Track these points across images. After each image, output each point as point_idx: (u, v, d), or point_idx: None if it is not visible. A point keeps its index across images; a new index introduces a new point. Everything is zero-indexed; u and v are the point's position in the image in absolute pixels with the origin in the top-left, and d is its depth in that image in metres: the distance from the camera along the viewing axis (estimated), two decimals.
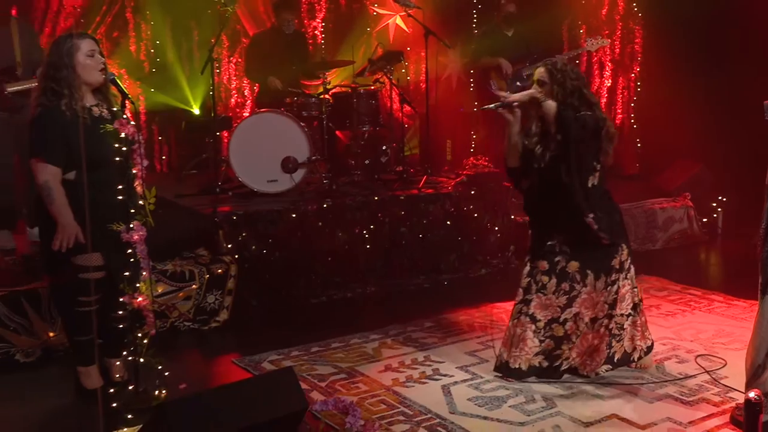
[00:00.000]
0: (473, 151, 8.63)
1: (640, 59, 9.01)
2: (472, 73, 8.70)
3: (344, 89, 7.21)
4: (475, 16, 8.87)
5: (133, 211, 3.87)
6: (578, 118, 3.99)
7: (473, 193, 6.74)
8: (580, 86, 4.13)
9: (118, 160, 3.81)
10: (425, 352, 4.79)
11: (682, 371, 4.40)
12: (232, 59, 8.22)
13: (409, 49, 8.60)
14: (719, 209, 8.06)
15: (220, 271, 5.38)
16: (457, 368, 4.51)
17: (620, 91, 9.11)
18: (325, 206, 6.09)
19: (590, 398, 4.06)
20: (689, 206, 7.78)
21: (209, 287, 5.31)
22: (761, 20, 7.42)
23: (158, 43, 7.79)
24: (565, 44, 8.97)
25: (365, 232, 6.19)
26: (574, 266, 4.19)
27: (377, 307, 5.86)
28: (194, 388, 4.17)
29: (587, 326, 4.20)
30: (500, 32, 7.76)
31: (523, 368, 4.25)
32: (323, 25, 8.57)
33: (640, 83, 9.02)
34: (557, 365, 4.25)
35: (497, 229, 6.81)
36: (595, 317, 4.19)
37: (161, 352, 4.07)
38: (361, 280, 6.15)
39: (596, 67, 9.11)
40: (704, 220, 7.95)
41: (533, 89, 4.18)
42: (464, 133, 8.91)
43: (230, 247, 5.62)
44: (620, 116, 9.08)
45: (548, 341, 4.24)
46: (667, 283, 6.18)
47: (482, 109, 4.35)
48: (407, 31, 8.55)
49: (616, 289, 4.18)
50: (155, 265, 4.85)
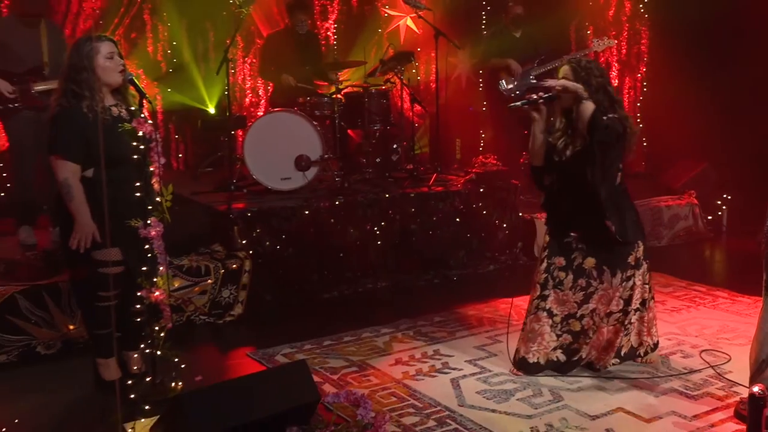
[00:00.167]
0: (482, 149, 8.63)
1: (646, 60, 8.97)
2: (481, 73, 8.68)
3: (356, 89, 7.21)
4: (484, 17, 8.86)
5: (150, 207, 3.88)
6: (609, 125, 3.90)
7: (482, 190, 6.74)
8: (604, 83, 4.07)
9: (136, 158, 3.82)
10: (435, 346, 4.79)
11: (687, 366, 4.39)
12: (246, 60, 8.23)
13: (419, 49, 8.58)
14: (724, 207, 8.03)
15: (234, 266, 5.39)
16: (465, 362, 4.51)
17: (626, 90, 9.07)
18: (337, 203, 6.10)
19: (596, 392, 4.05)
20: (694, 204, 7.75)
21: (224, 282, 5.32)
22: (766, 21, 7.38)
23: (175, 44, 7.80)
24: (572, 45, 8.94)
25: (376, 228, 6.19)
26: (590, 263, 4.17)
27: (388, 301, 5.86)
28: (210, 380, 4.19)
29: (603, 321, 4.18)
30: (508, 33, 7.74)
31: (541, 362, 4.24)
32: (335, 26, 8.58)
33: (646, 83, 8.99)
34: (575, 359, 4.24)
35: (505, 226, 6.80)
36: (610, 312, 4.17)
37: (178, 345, 4.08)
38: (372, 275, 6.15)
39: (603, 67, 9.05)
40: (709, 217, 7.92)
41: (569, 84, 4.04)
42: (473, 132, 8.90)
43: (245, 243, 5.64)
44: None
45: (565, 336, 4.23)
46: (672, 279, 6.16)
47: (510, 106, 4.29)
48: (417, 32, 8.54)
49: (631, 285, 4.16)
50: (172, 260, 4.86)
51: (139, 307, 3.85)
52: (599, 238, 4.10)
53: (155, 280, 3.88)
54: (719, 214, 8.02)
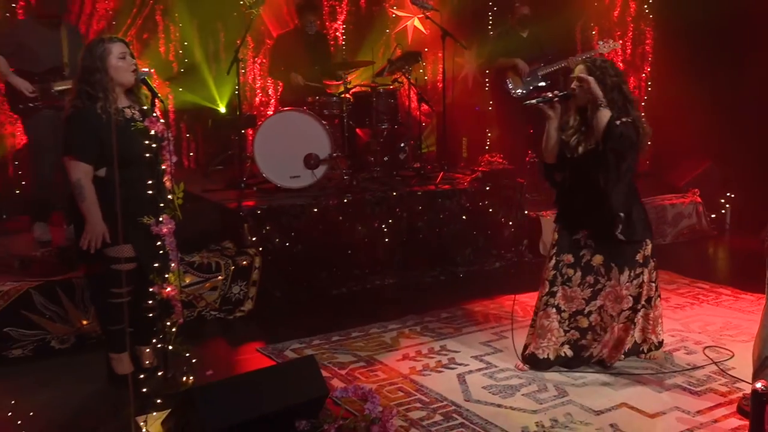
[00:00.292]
0: (488, 148, 8.61)
1: (650, 60, 8.94)
2: (487, 73, 8.66)
3: (364, 89, 7.20)
4: (490, 18, 8.84)
5: (162, 205, 3.89)
6: (623, 132, 3.88)
7: (488, 189, 6.73)
8: (619, 83, 4.04)
9: (148, 156, 3.83)
10: (441, 341, 4.79)
11: (690, 362, 4.38)
12: (256, 60, 8.23)
13: (426, 50, 8.57)
14: (727, 205, 8.00)
15: (244, 263, 5.40)
16: (472, 357, 4.51)
17: (631, 90, 9.03)
18: (345, 201, 6.10)
19: (601, 387, 4.05)
20: (698, 202, 7.73)
21: (234, 278, 5.33)
22: None
23: (186, 44, 7.81)
24: (578, 45, 8.91)
25: (384, 226, 6.19)
26: (598, 260, 4.16)
27: (395, 298, 5.86)
28: (220, 374, 4.19)
29: (614, 320, 4.16)
30: (515, 33, 7.72)
31: (550, 358, 4.24)
32: (344, 26, 8.57)
33: (650, 83, 8.96)
34: (584, 356, 4.24)
35: (511, 223, 6.79)
36: (621, 311, 4.15)
37: (189, 340, 4.08)
38: (379, 272, 6.15)
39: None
40: (712, 215, 7.89)
41: (592, 82, 4.01)
42: (480, 131, 8.88)
43: (255, 240, 5.65)
44: None
45: (573, 332, 4.23)
46: (676, 276, 6.14)
47: (526, 103, 4.27)
48: (425, 32, 8.52)
49: (640, 282, 4.15)
50: (183, 256, 4.87)
51: (151, 302, 3.86)
52: (608, 235, 4.09)
53: (167, 276, 3.89)
54: (722, 212, 8.00)
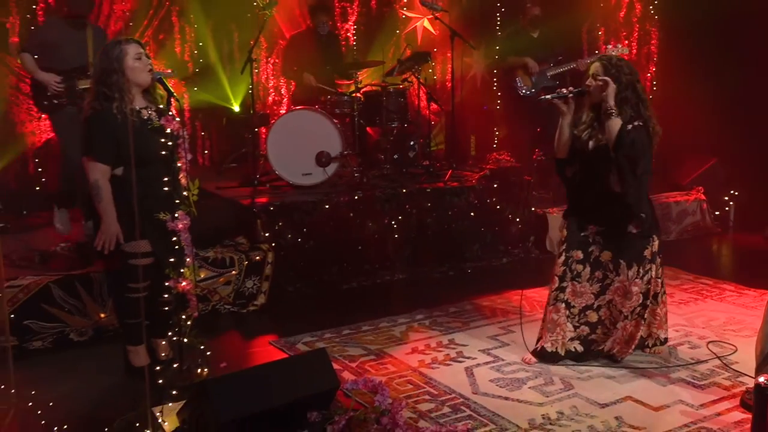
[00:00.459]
0: (496, 146, 8.59)
1: (655, 60, 8.89)
2: (495, 72, 8.65)
3: (374, 88, 7.20)
4: (498, 19, 8.80)
5: (177, 201, 3.90)
6: (635, 139, 3.87)
7: (496, 186, 6.72)
8: (633, 81, 4.01)
9: (164, 155, 3.85)
10: (450, 335, 4.79)
11: (694, 356, 4.36)
12: (270, 60, 8.23)
13: (435, 50, 8.56)
14: (731, 203, 7.96)
15: (258, 258, 5.41)
16: (479, 351, 4.50)
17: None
18: (356, 198, 6.10)
19: (606, 381, 4.04)
20: (702, 200, 7.69)
21: (248, 273, 5.34)
22: None
23: (201, 44, 7.82)
24: (584, 46, 8.88)
25: (394, 222, 6.19)
26: (607, 256, 4.15)
27: (405, 293, 5.86)
28: (234, 366, 4.20)
29: (623, 315, 4.15)
30: (526, 34, 7.70)
31: (559, 352, 4.23)
32: (355, 27, 8.56)
33: (656, 82, 8.91)
34: (594, 350, 4.23)
35: (518, 220, 6.78)
36: (632, 308, 4.14)
37: (203, 333, 4.10)
38: (389, 267, 6.15)
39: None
40: (716, 213, 7.86)
41: (611, 85, 3.98)
42: (487, 129, 8.86)
43: (267, 235, 5.66)
44: None
45: (583, 327, 4.22)
46: (680, 272, 6.12)
47: (540, 99, 4.26)
48: (434, 33, 8.51)
49: (648, 278, 4.13)
50: (198, 252, 4.88)
51: (166, 296, 3.88)
52: (618, 231, 4.08)
53: (182, 270, 3.90)
54: (726, 209, 7.96)
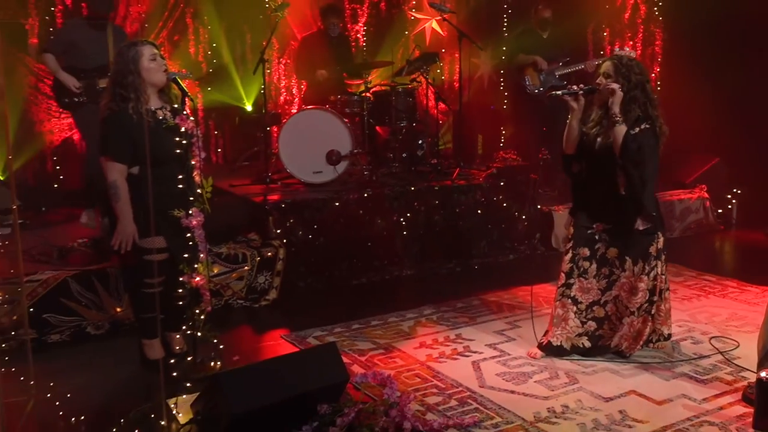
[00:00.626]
0: (502, 145, 8.58)
1: (659, 60, 8.85)
2: (502, 73, 8.63)
3: (384, 88, 7.19)
4: (505, 20, 8.78)
5: (192, 198, 3.91)
6: (641, 145, 3.87)
7: (502, 184, 6.70)
8: (643, 81, 4.02)
9: (178, 153, 3.85)
10: (457, 330, 4.78)
11: (696, 351, 4.34)
12: (281, 60, 8.23)
13: (443, 50, 8.54)
14: (734, 201, 7.91)
15: (269, 254, 5.42)
16: (486, 346, 4.50)
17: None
18: (365, 195, 6.10)
19: (610, 375, 4.03)
20: (705, 198, 7.65)
21: (260, 269, 5.35)
22: None
23: (215, 45, 7.83)
24: (590, 46, 8.84)
25: (402, 219, 6.19)
26: (613, 252, 4.14)
27: (413, 288, 5.85)
28: (246, 360, 4.22)
29: (629, 311, 4.14)
30: (536, 34, 7.67)
31: (565, 347, 4.22)
32: (365, 28, 8.56)
33: (660, 82, 8.86)
34: (602, 346, 4.21)
35: (524, 218, 6.76)
36: (639, 304, 4.12)
37: (216, 327, 4.13)
38: (398, 263, 6.15)
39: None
40: (719, 211, 7.81)
41: (618, 94, 3.98)
42: (494, 128, 8.84)
43: (279, 232, 5.66)
44: None
45: (590, 323, 4.21)
46: (683, 269, 6.09)
47: (551, 95, 4.24)
48: (442, 34, 8.50)
49: (654, 275, 4.12)
50: (211, 248, 4.89)
51: (181, 291, 3.89)
52: (624, 227, 4.06)
53: (196, 266, 3.92)
54: (729, 207, 7.91)
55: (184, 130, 3.86)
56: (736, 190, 7.91)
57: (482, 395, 3.81)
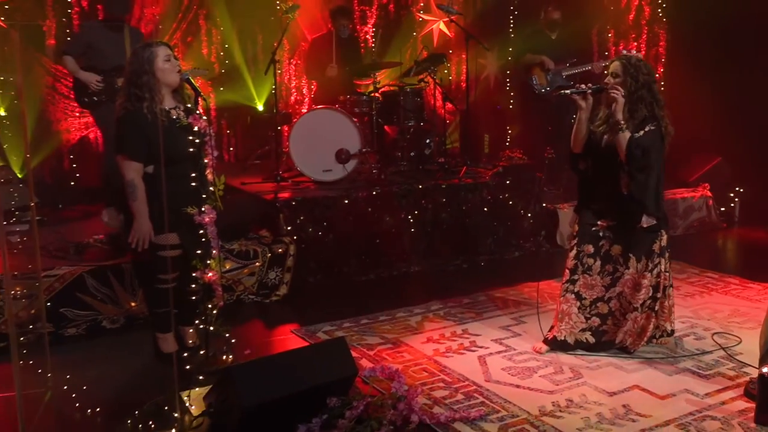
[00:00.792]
0: (509, 144, 8.56)
1: (663, 61, 8.81)
2: (508, 73, 8.60)
3: (392, 88, 7.19)
4: (511, 21, 8.76)
5: (204, 196, 3.92)
6: (645, 149, 3.86)
7: (508, 182, 6.69)
8: (650, 81, 4.01)
9: (191, 151, 3.86)
10: (463, 325, 4.78)
11: (699, 347, 4.33)
12: (292, 61, 8.24)
13: (451, 51, 8.53)
14: (736, 199, 7.87)
15: (280, 250, 5.42)
16: (492, 341, 4.49)
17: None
18: (374, 193, 6.10)
19: (614, 370, 4.01)
20: (708, 196, 7.61)
21: (271, 265, 5.36)
22: None
23: (227, 46, 7.84)
24: (594, 47, 8.81)
25: (410, 217, 6.19)
26: (617, 250, 4.13)
27: (420, 284, 5.85)
28: (257, 354, 4.22)
29: (633, 307, 4.12)
30: (545, 34, 7.66)
31: (569, 341, 4.21)
32: (374, 30, 8.55)
33: (663, 83, 8.81)
34: (605, 341, 4.20)
35: (530, 215, 6.75)
36: (643, 301, 4.11)
37: (228, 321, 4.13)
38: (406, 260, 6.14)
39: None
40: (722, 209, 7.77)
41: (620, 100, 3.99)
42: (501, 128, 8.82)
43: (289, 229, 5.67)
44: None
45: (594, 318, 4.19)
46: (686, 266, 6.06)
47: (560, 93, 4.23)
48: (450, 35, 8.48)
49: (658, 272, 4.10)
50: (223, 244, 4.90)
51: (194, 286, 3.90)
52: (627, 225, 4.05)
53: (208, 262, 3.92)
54: (732, 206, 7.87)
55: (197, 129, 3.86)
56: (738, 188, 7.87)
57: (488, 389, 3.80)
